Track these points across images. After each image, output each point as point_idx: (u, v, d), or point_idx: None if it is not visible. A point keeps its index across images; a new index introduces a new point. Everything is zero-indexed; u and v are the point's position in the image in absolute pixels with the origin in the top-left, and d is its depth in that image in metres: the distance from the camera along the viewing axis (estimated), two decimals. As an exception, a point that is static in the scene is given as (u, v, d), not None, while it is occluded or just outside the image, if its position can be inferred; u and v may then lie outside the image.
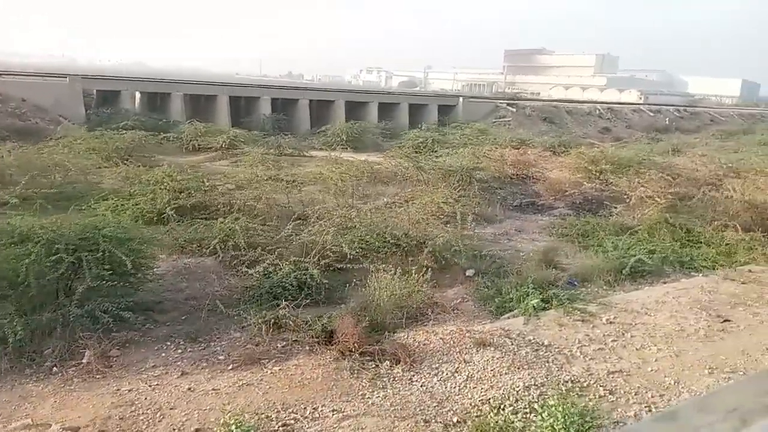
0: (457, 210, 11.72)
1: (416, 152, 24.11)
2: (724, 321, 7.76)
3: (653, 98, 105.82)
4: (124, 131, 19.62)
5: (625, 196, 13.95)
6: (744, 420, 1.11)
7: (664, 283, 9.48)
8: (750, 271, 10.05)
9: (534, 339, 6.92)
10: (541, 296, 8.20)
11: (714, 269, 10.10)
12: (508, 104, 36.76)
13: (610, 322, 7.54)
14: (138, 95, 30.71)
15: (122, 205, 11.36)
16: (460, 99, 35.91)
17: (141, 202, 11.26)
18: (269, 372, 5.56)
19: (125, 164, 16.58)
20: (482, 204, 14.20)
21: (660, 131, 39.74)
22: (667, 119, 43.10)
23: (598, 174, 16.46)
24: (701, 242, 11.70)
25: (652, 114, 43.73)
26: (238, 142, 21.44)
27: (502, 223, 13.20)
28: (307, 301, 7.99)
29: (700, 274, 9.91)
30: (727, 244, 11.51)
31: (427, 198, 12.80)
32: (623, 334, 7.22)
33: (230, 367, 5.67)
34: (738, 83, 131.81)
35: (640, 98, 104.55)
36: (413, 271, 9.09)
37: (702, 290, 8.95)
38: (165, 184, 11.70)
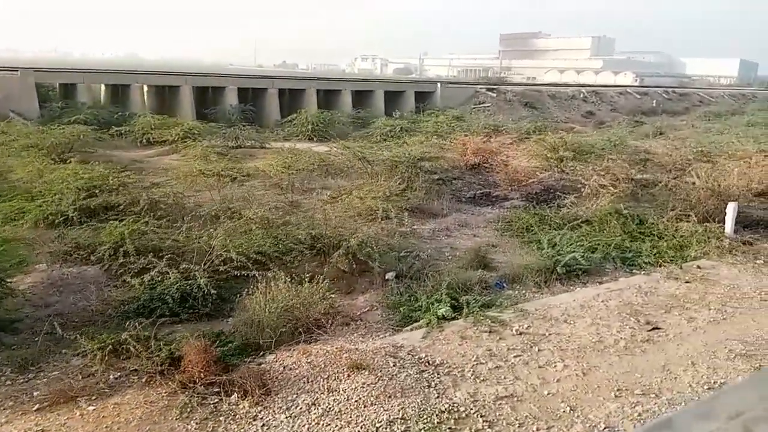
0: (386, 206, 10.86)
1: (383, 141, 23.41)
2: (652, 329, 6.91)
3: (648, 80, 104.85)
4: (72, 126, 18.71)
5: (580, 186, 13.06)
6: (748, 428, 1.03)
7: (600, 283, 8.62)
8: (698, 267, 9.18)
9: (426, 357, 6.07)
10: (453, 303, 7.37)
11: (659, 266, 9.23)
12: (488, 89, 35.69)
13: (521, 333, 6.69)
14: (103, 88, 29.77)
15: (26, 206, 10.51)
16: (438, 85, 34.83)
17: (44, 204, 10.39)
18: (78, 414, 4.73)
19: (63, 162, 15.74)
20: (429, 197, 13.33)
21: (646, 114, 38.68)
22: (654, 101, 41.98)
23: (557, 162, 15.55)
24: (653, 235, 10.82)
25: (639, 96, 42.59)
26: (193, 135, 20.51)
27: (447, 218, 12.31)
28: (189, 315, 7.22)
29: (643, 272, 9.04)
30: (682, 236, 10.64)
31: (357, 193, 11.93)
32: (531, 347, 6.37)
33: (36, 407, 4.83)
34: (736, 63, 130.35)
35: (635, 80, 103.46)
36: (324, 276, 8.30)
37: (638, 291, 8.09)
38: (69, 182, 10.81)
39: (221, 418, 4.83)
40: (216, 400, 5.07)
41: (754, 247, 10.18)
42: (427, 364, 5.92)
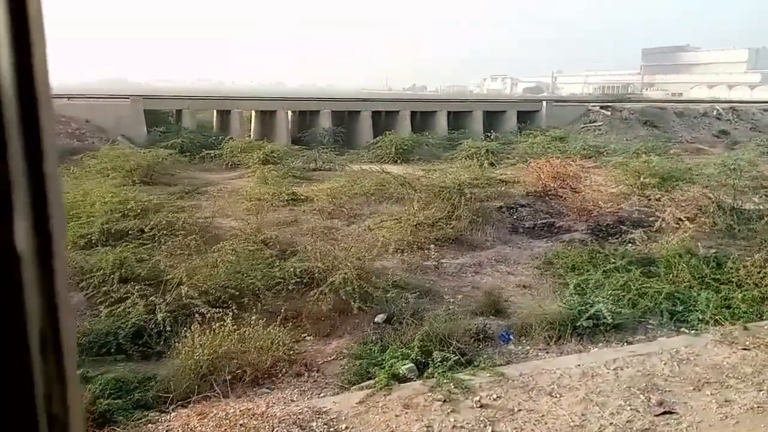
0: (410, 238, 9.87)
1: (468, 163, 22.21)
2: (662, 413, 5.30)
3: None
4: (157, 149, 19.77)
5: (652, 218, 11.10)
6: None
7: (629, 343, 6.97)
8: (772, 328, 7.17)
9: (346, 429, 5.06)
10: (421, 359, 6.25)
11: (719, 324, 7.33)
12: (602, 107, 32.89)
13: (483, 406, 5.42)
14: (215, 113, 31.51)
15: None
16: (543, 103, 32.74)
17: (76, 225, 10.69)
18: None
19: (145, 184, 16.56)
20: (476, 226, 12.06)
21: (794, 132, 33.54)
22: (807, 118, 36.30)
23: (639, 189, 13.48)
24: (732, 282, 8.75)
25: (788, 112, 37.08)
26: (273, 158, 20.81)
27: (487, 251, 10.99)
28: (140, 352, 6.80)
29: (693, 331, 7.21)
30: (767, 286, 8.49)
31: (390, 222, 11.04)
32: (485, 427, 5.10)
33: None
34: None
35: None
36: (304, 315, 7.60)
37: (671, 358, 6.39)
38: (99, 205, 11.05)
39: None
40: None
41: None
42: (340, 440, 4.91)
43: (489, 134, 29.45)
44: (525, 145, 24.41)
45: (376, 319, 7.60)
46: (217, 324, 6.39)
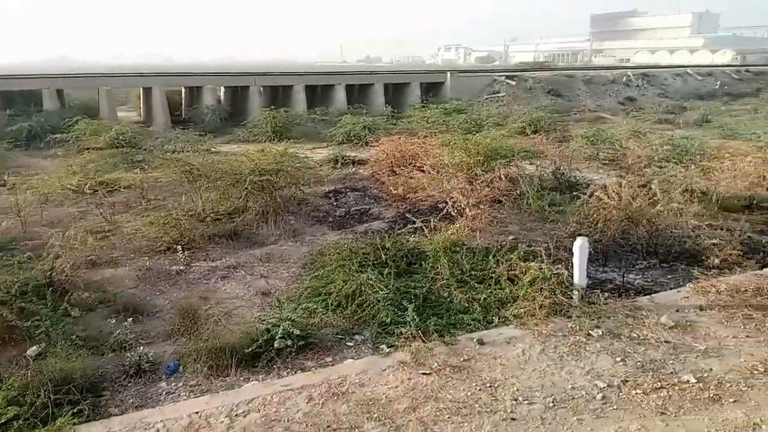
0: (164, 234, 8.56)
1: (346, 142, 20.89)
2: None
3: (751, 57, 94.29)
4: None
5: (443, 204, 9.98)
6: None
7: (322, 367, 5.84)
8: (479, 342, 6.10)
9: None
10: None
11: (422, 339, 6.22)
12: (507, 77, 31.85)
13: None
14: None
15: None
16: (448, 74, 31.48)
17: None
18: None
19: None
20: (275, 217, 10.79)
21: (704, 97, 33.24)
22: (717, 82, 36.03)
23: (466, 169, 12.37)
24: (492, 277, 7.68)
25: (700, 78, 36.80)
26: (121, 141, 19.08)
27: (263, 248, 9.75)
28: None
29: (389, 350, 6.10)
30: (531, 282, 7.39)
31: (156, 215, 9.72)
32: None
33: None
34: None
35: (736, 58, 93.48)
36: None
37: (326, 391, 5.26)
38: None
39: None
40: None
41: (605, 307, 6.84)
42: None
43: (389, 107, 28.22)
44: (417, 119, 23.12)
45: (28, 352, 6.27)
46: None
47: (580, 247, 6.94)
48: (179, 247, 9.03)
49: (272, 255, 9.40)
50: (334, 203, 12.80)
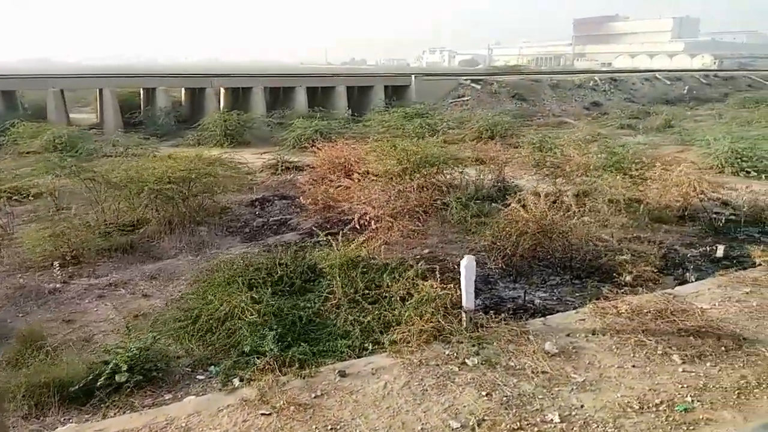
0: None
1: (297, 147, 20.23)
2: None
3: (728, 62, 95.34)
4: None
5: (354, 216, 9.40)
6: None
7: (165, 404, 5.22)
8: (338, 373, 5.51)
9: None
10: None
11: (305, 366, 5.62)
12: (473, 81, 31.37)
13: None
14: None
15: None
16: (412, 77, 30.92)
17: None
18: None
19: None
20: (181, 228, 10.14)
21: (671, 102, 33.03)
22: (686, 87, 35.83)
23: (397, 177, 11.78)
24: (386, 297, 7.10)
25: (669, 82, 36.61)
26: (58, 144, 18.31)
27: (158, 263, 9.10)
28: None
29: (240, 383, 5.49)
30: (416, 304, 6.80)
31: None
32: None
33: None
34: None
35: (714, 63, 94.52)
36: None
37: (142, 438, 4.63)
38: None
39: None
40: None
41: (491, 332, 6.27)
42: None
43: (351, 111, 27.65)
44: (375, 122, 22.53)
45: None
46: None
47: (466, 266, 6.36)
48: (56, 263, 8.34)
49: (163, 271, 8.75)
50: (257, 213, 12.18)
